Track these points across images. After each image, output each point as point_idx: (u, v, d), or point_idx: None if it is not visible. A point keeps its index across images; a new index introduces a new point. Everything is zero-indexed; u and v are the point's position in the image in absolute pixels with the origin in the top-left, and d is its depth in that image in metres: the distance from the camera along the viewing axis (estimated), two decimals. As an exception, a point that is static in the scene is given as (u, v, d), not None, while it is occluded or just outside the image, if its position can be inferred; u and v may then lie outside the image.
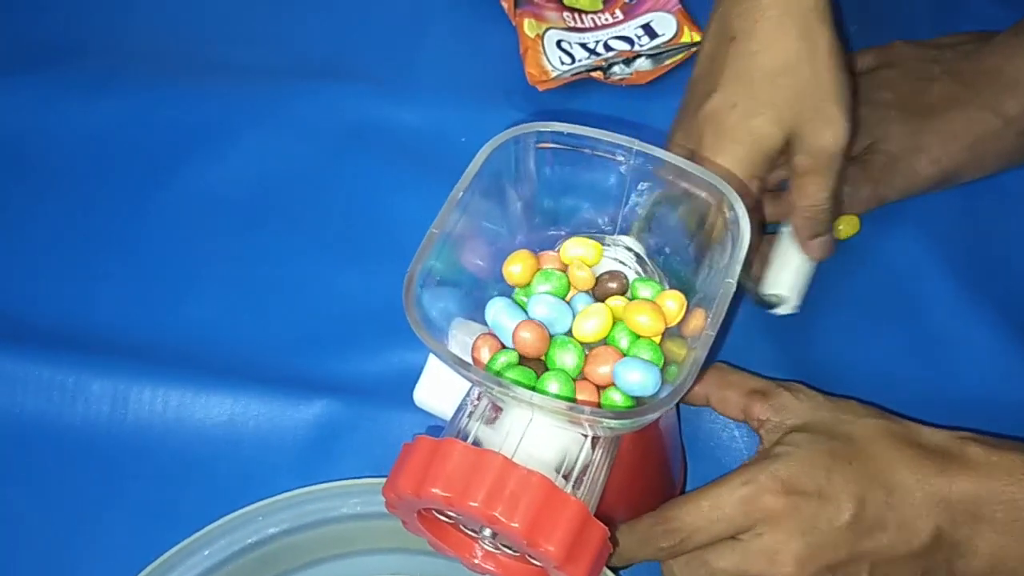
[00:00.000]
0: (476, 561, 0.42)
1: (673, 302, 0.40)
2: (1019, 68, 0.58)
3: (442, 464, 0.37)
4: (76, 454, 0.55)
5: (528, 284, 0.41)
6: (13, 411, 0.55)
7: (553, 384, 0.38)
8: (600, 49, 0.67)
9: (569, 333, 0.40)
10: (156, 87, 0.66)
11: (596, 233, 0.43)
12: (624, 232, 0.43)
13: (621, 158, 0.40)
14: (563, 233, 0.44)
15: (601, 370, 0.38)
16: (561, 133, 0.40)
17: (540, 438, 0.39)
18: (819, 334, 0.57)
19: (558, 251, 0.42)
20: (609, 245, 0.43)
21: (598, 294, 0.41)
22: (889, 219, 0.61)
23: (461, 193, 0.39)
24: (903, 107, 0.60)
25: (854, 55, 0.64)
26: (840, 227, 0.60)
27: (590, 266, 0.41)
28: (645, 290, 0.41)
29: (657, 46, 0.67)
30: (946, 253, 0.60)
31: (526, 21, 0.67)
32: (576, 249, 0.41)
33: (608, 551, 0.39)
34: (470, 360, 0.40)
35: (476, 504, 0.36)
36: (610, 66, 0.66)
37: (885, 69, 0.63)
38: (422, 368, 0.49)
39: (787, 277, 0.56)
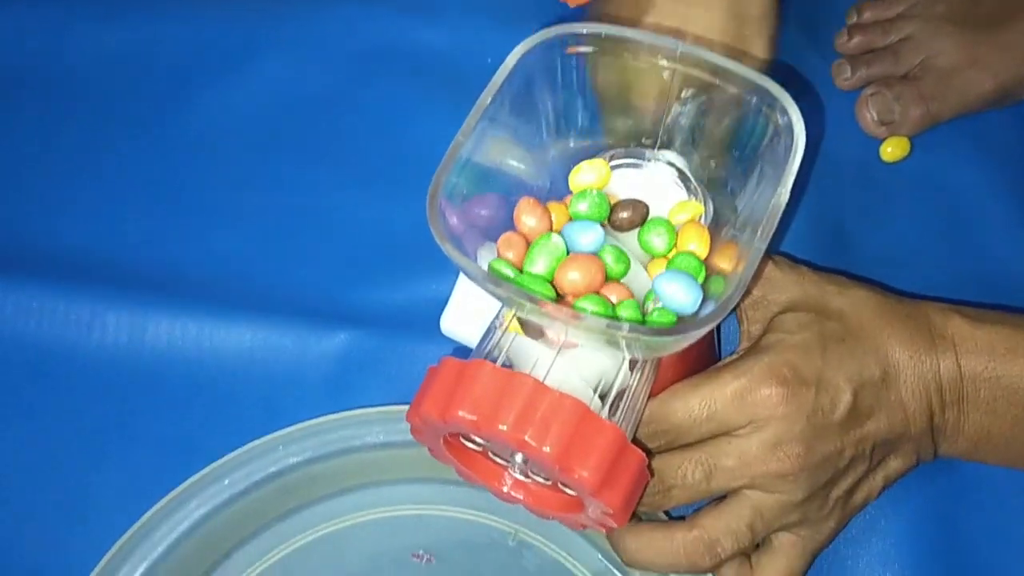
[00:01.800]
0: (505, 490, 0.40)
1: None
2: None
3: (469, 386, 0.35)
4: (93, 385, 0.53)
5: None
6: (29, 341, 0.53)
7: (588, 302, 0.36)
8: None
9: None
10: (174, 10, 0.63)
11: (635, 148, 0.40)
12: (666, 147, 0.40)
13: (664, 62, 0.37)
14: (599, 151, 0.41)
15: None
16: (599, 35, 0.37)
17: (574, 361, 0.37)
18: (866, 259, 0.54)
19: (566, 201, 0.39)
20: (649, 161, 0.40)
21: (613, 223, 0.39)
22: (942, 141, 0.58)
23: (489, 99, 0.36)
24: (957, 20, 0.57)
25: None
26: (888, 149, 0.57)
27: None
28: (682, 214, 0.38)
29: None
30: (1002, 176, 0.57)
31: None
32: (586, 175, 0.39)
33: (645, 480, 0.37)
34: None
35: (505, 428, 0.34)
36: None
37: None
38: (449, 297, 0.46)
39: None
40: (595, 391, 0.37)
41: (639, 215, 0.38)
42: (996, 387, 0.42)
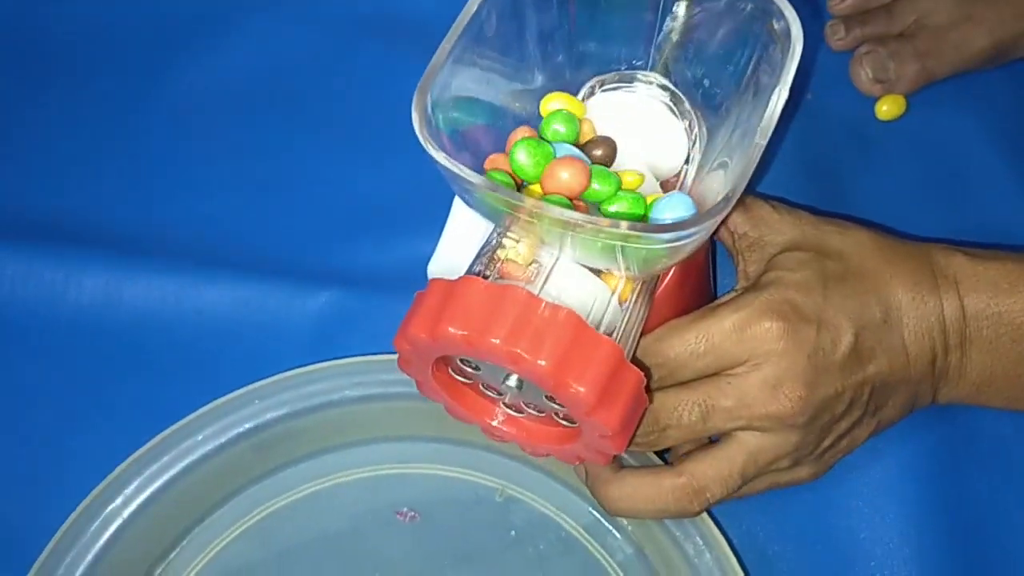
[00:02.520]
0: (495, 423, 0.38)
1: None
2: None
3: (459, 302, 0.33)
4: (69, 345, 0.51)
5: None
6: (3, 303, 0.52)
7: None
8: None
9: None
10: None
11: (626, 70, 0.39)
12: (658, 67, 0.39)
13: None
14: (589, 76, 0.40)
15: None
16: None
17: (569, 279, 0.35)
18: (865, 214, 0.53)
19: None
20: (641, 82, 0.39)
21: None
22: (938, 99, 0.57)
23: (474, 8, 0.35)
24: (952, -24, 0.56)
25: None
26: (884, 107, 0.56)
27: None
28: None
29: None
30: (998, 133, 0.56)
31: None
32: (555, 103, 0.37)
33: (644, 404, 0.36)
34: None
35: (497, 341, 0.32)
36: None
37: None
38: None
39: None
40: (589, 314, 0.35)
41: (611, 150, 0.37)
42: (999, 324, 0.41)
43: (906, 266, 0.42)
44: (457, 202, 0.43)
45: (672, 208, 0.35)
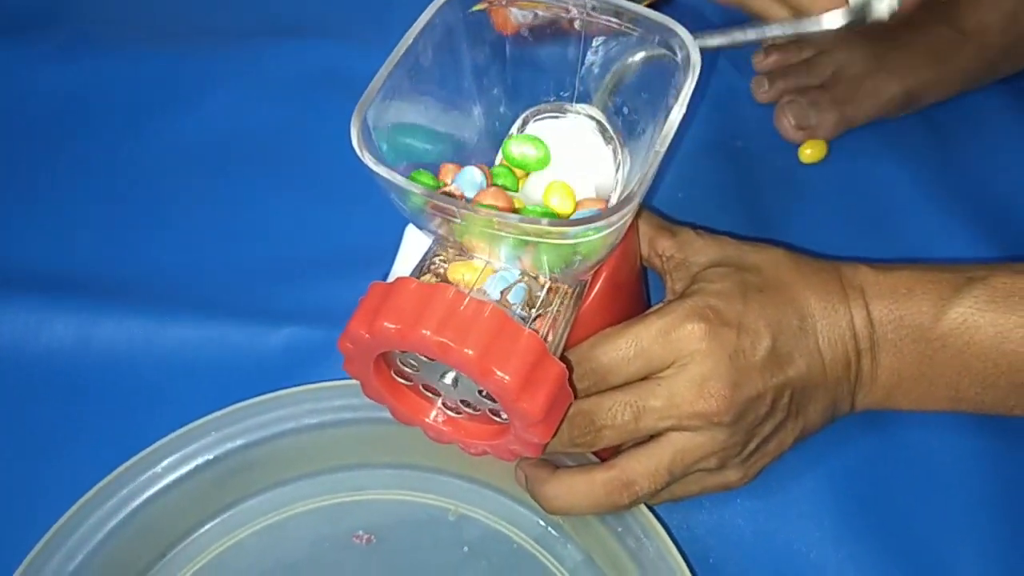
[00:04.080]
0: (435, 423, 0.41)
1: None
2: None
3: (394, 300, 0.36)
4: (38, 384, 0.53)
5: None
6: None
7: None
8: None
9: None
10: (128, 48, 0.67)
11: (555, 101, 0.43)
12: (584, 99, 0.43)
13: (574, 10, 0.40)
14: (522, 108, 0.44)
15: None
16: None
17: (494, 282, 0.38)
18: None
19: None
20: (569, 114, 0.43)
21: None
22: (857, 143, 0.61)
23: (410, 41, 0.39)
24: (863, 34, 0.61)
25: None
26: (807, 152, 0.60)
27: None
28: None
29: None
30: (915, 173, 0.60)
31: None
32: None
33: (568, 398, 0.38)
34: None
35: (428, 332, 0.35)
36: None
37: None
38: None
39: None
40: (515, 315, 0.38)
41: None
42: (900, 327, 0.44)
43: (818, 278, 0.45)
44: (409, 230, 0.46)
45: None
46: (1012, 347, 0.43)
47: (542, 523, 0.48)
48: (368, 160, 0.35)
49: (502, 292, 0.38)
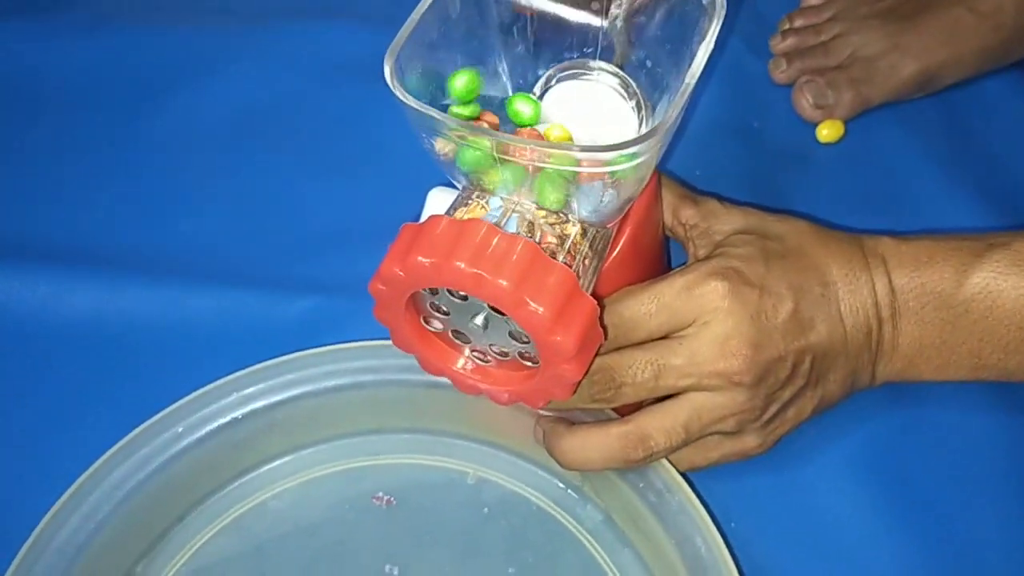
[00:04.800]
0: (464, 370, 0.41)
1: None
2: None
3: (426, 236, 0.36)
4: (60, 353, 0.53)
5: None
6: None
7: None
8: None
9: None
10: (147, 27, 0.68)
11: (578, 58, 0.43)
12: (607, 55, 0.43)
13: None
14: (546, 64, 0.44)
15: None
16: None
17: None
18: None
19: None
20: (592, 69, 0.43)
21: None
22: (873, 124, 0.62)
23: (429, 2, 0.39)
24: (880, 16, 0.62)
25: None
26: (824, 131, 0.61)
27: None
28: None
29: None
30: (930, 151, 0.61)
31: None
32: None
33: (599, 336, 0.38)
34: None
35: (462, 264, 0.35)
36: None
37: None
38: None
39: None
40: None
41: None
42: (922, 294, 0.44)
43: (840, 248, 0.45)
44: (431, 196, 0.46)
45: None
46: None
47: (561, 485, 0.48)
48: (401, 95, 0.36)
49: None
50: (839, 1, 0.65)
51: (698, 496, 0.44)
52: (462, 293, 0.38)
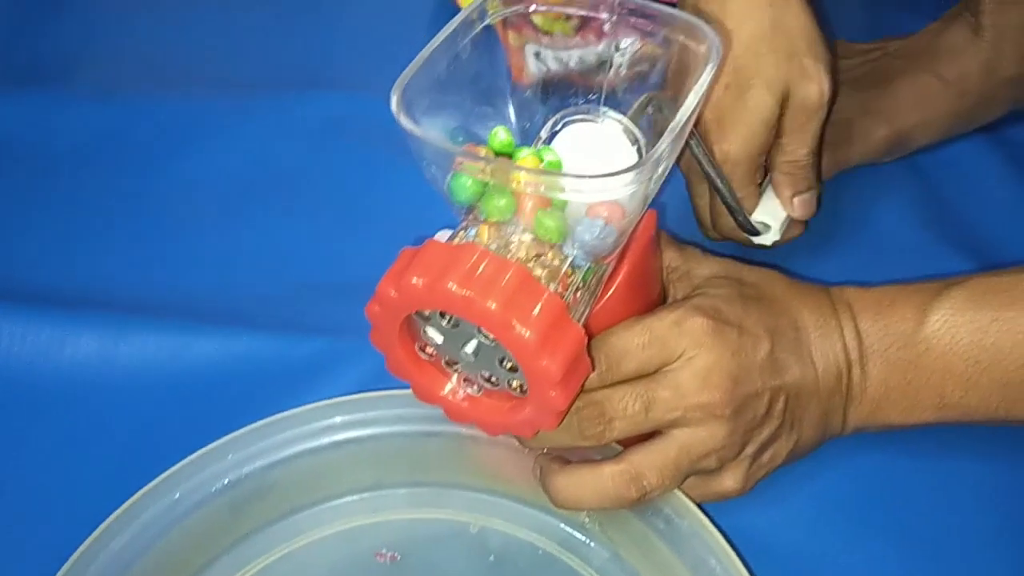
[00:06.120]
0: (455, 399, 0.42)
1: None
2: (950, 40, 0.64)
3: (421, 259, 0.38)
4: (65, 398, 0.55)
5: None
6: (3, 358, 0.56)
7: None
8: (573, 63, 0.72)
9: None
10: (148, 95, 0.71)
11: (583, 104, 0.45)
12: (611, 100, 0.45)
13: (604, 13, 0.44)
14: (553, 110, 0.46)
15: None
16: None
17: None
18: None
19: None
20: (599, 117, 0.45)
21: None
22: (851, 184, 0.65)
23: (453, 27, 0.41)
24: (851, 82, 0.65)
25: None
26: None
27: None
28: None
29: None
30: (906, 210, 0.64)
31: (510, 33, 0.73)
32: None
33: (586, 366, 0.40)
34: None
35: (453, 286, 0.37)
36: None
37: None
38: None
39: (773, 208, 0.58)
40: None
41: None
42: (886, 336, 0.46)
43: (810, 294, 0.48)
44: (439, 235, 0.47)
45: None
46: (991, 341, 0.45)
47: (565, 527, 0.48)
48: (404, 122, 0.38)
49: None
50: None
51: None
52: (454, 320, 0.39)
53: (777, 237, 0.57)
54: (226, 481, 0.48)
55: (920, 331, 0.46)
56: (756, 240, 0.58)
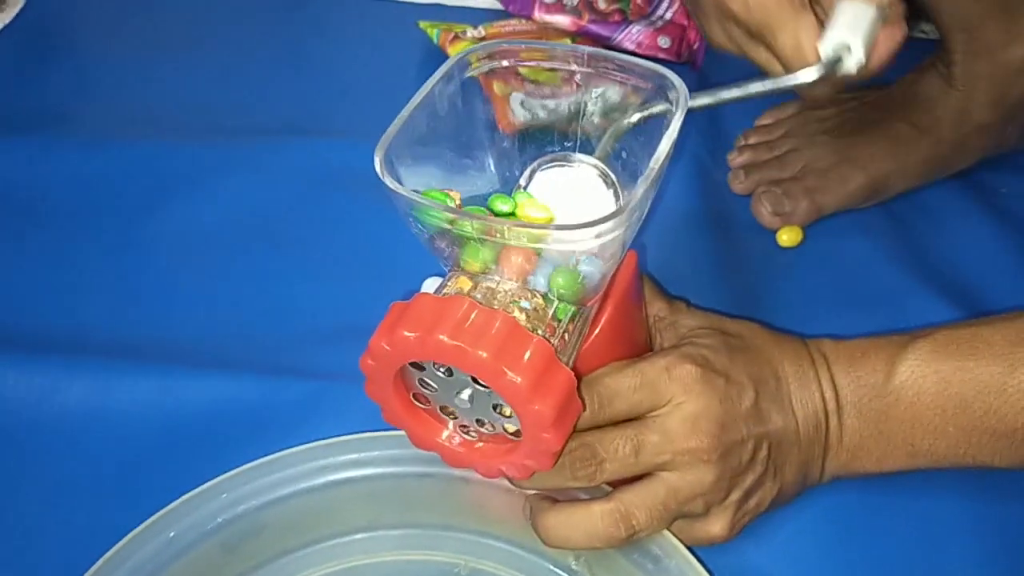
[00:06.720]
0: (452, 445, 0.43)
1: None
2: (924, 90, 0.66)
3: (412, 312, 0.39)
4: (56, 442, 0.55)
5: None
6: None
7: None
8: (553, 112, 0.74)
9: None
10: (142, 144, 0.72)
11: (559, 151, 0.47)
12: (586, 147, 0.47)
13: (575, 65, 0.45)
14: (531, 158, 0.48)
15: None
16: (516, 48, 0.45)
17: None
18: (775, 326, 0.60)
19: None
20: (574, 163, 0.47)
21: None
22: (832, 230, 0.66)
23: (428, 89, 0.43)
24: (829, 131, 0.67)
25: (781, 107, 0.72)
26: (784, 236, 0.65)
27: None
28: None
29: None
30: (886, 255, 0.65)
31: (495, 83, 0.74)
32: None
33: (577, 407, 0.41)
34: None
35: (444, 337, 0.38)
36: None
37: (809, 111, 0.70)
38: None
39: (848, 21, 0.47)
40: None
41: None
42: (859, 387, 0.48)
43: (790, 346, 0.50)
44: (426, 283, 0.49)
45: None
46: (954, 390, 0.46)
47: (553, 568, 0.49)
48: (388, 182, 0.39)
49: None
50: (790, 120, 0.70)
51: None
52: (447, 368, 0.41)
53: (861, 57, 0.46)
54: (219, 520, 0.48)
55: (889, 382, 0.47)
56: (843, 71, 0.47)
